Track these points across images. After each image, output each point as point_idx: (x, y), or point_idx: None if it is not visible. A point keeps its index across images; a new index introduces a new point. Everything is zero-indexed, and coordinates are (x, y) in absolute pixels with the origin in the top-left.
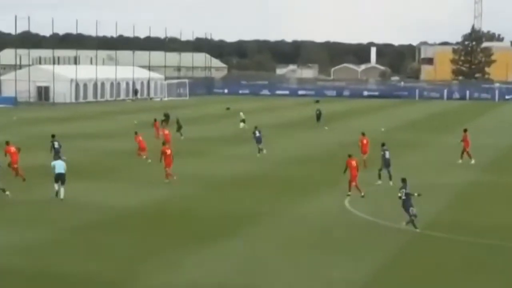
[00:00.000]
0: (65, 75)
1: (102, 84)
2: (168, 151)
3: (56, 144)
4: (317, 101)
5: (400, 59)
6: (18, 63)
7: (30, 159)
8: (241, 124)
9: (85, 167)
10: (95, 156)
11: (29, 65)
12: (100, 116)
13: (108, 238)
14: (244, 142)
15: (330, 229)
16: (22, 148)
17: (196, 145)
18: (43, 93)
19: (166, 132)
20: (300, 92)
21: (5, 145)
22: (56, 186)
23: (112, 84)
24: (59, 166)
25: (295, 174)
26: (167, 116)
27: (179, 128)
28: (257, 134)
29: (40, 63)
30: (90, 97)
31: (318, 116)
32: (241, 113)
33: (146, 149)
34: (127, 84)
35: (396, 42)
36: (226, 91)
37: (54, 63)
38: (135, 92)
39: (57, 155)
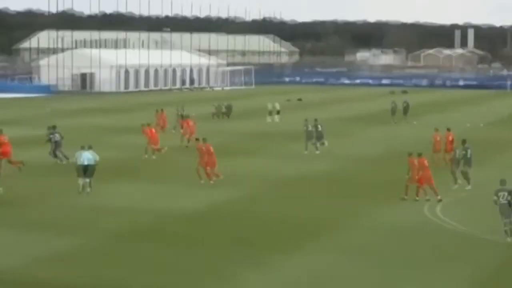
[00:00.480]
0: (111, 60)
1: (155, 71)
2: (204, 148)
3: (57, 137)
4: (404, 92)
5: (502, 43)
6: (57, 46)
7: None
8: (275, 117)
9: (131, 165)
10: (142, 153)
11: (70, 49)
12: (151, 107)
13: (156, 247)
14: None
15: (413, 240)
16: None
17: (258, 141)
18: (86, 80)
19: (191, 123)
20: (384, 81)
21: None
22: (80, 181)
23: (165, 71)
24: (85, 157)
25: (371, 175)
26: (229, 108)
27: (226, 113)
28: (319, 128)
29: (82, 46)
30: (141, 86)
31: (406, 109)
32: (277, 104)
33: (158, 142)
34: (183, 71)
35: (497, 23)
36: (297, 79)
37: (100, 47)
38: (192, 81)
39: (57, 149)
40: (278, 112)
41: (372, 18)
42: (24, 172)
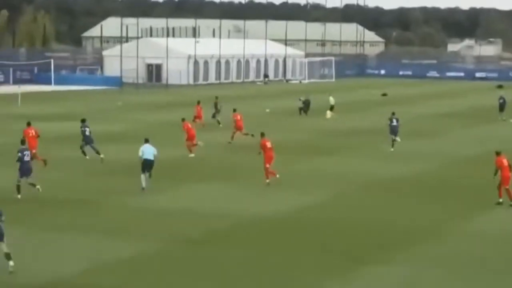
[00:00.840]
0: (181, 50)
1: (227, 62)
2: (269, 144)
3: (87, 131)
4: (500, 86)
5: None
6: (124, 35)
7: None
8: (328, 113)
9: (203, 164)
10: (216, 151)
11: (136, 38)
12: (224, 102)
13: (228, 254)
14: (406, 137)
15: None
16: (123, 140)
17: (340, 139)
18: (153, 72)
19: (239, 117)
20: (478, 75)
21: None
22: (143, 176)
23: (239, 62)
24: (148, 151)
25: (467, 177)
26: (307, 104)
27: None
28: (394, 122)
29: (150, 35)
30: (212, 78)
31: (502, 106)
32: (331, 98)
33: (195, 137)
34: (258, 62)
35: None
36: (382, 72)
37: (167, 36)
38: (266, 74)
39: (89, 144)
40: (331, 108)
41: (465, 5)
42: (86, 171)
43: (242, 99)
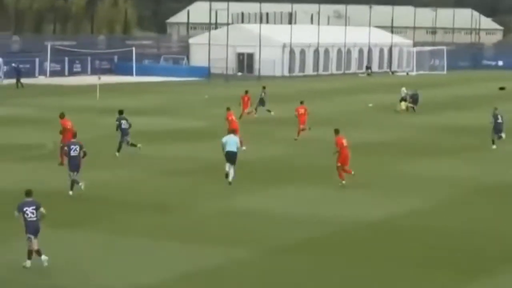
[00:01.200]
0: (276, 38)
1: (326, 51)
2: (345, 141)
3: (124, 124)
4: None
5: None
6: (212, 21)
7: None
8: (402, 104)
9: (298, 164)
10: (311, 150)
11: (225, 24)
12: (321, 95)
13: (320, 262)
14: None
15: None
16: (208, 137)
17: (449, 138)
18: (244, 62)
19: (302, 110)
20: None
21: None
22: (227, 167)
23: (339, 51)
24: (231, 142)
25: None
26: (415, 98)
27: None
28: (499, 119)
29: (242, 21)
30: (309, 70)
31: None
32: (403, 89)
33: (238, 130)
34: (360, 51)
35: None
36: (500, 63)
37: (260, 22)
38: (367, 67)
39: (124, 137)
40: (403, 99)
41: None
42: (163, 170)
43: (343, 93)
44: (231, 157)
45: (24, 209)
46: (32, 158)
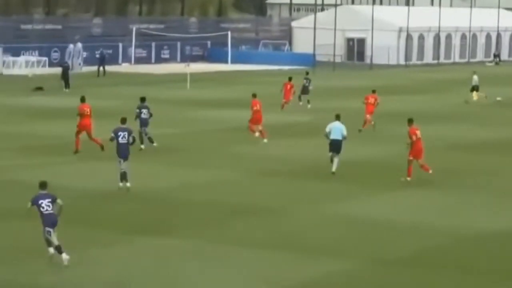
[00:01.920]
0: (391, 21)
1: (448, 36)
2: (418, 133)
3: (144, 113)
4: None
5: None
6: (318, 2)
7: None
8: (474, 95)
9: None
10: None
11: (335, 5)
12: (442, 87)
13: (439, 277)
14: None
15: None
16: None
17: None
18: (354, 48)
19: (372, 100)
20: None
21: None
22: (331, 156)
23: (463, 36)
24: (336, 130)
25: None
26: None
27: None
28: None
29: (352, 2)
30: (428, 58)
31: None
32: (475, 76)
33: (261, 121)
34: (488, 36)
35: None
36: None
37: (373, 3)
38: (495, 55)
39: (143, 128)
40: (474, 89)
41: None
42: (261, 170)
43: (466, 85)
44: (335, 146)
45: (40, 202)
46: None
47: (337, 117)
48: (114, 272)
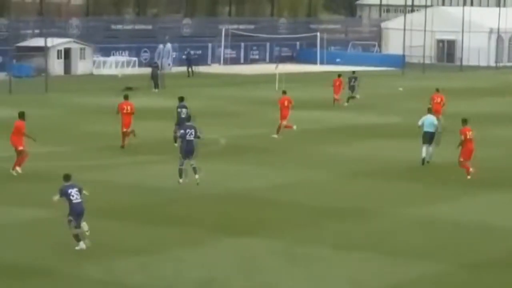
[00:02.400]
0: (482, 23)
1: None
2: (470, 134)
3: (183, 112)
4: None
5: None
6: (409, 3)
7: (413, 155)
8: None
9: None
10: (504, 151)
11: (425, 6)
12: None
13: None
14: None
15: None
16: (401, 135)
17: None
18: (445, 50)
19: (438, 99)
20: None
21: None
22: (424, 149)
23: None
24: (429, 122)
25: None
26: None
27: None
28: None
29: (443, 3)
30: None
31: None
32: None
33: (286, 118)
34: None
35: None
36: None
37: (464, 4)
38: None
39: (183, 127)
40: None
41: None
42: (353, 170)
43: None
44: (428, 138)
45: (69, 191)
46: (202, 156)
47: (429, 111)
48: (202, 271)
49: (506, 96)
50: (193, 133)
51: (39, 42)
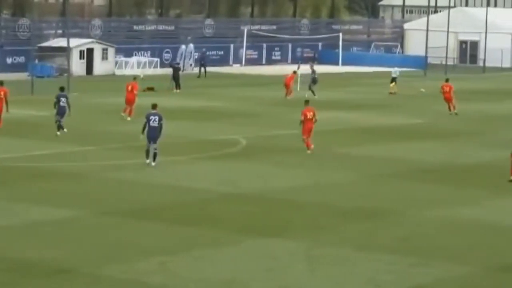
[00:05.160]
0: (505, 24)
1: None
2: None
3: (63, 101)
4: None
5: None
6: (432, 4)
7: (434, 156)
8: (392, 86)
9: None
10: None
11: (448, 7)
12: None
13: None
14: None
15: None
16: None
17: None
18: (467, 51)
19: (447, 88)
20: None
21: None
22: None
23: None
24: None
25: None
26: None
27: None
28: None
29: (466, 4)
30: None
31: None
32: (395, 69)
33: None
34: None
35: None
36: None
37: (488, 5)
38: None
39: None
40: (393, 80)
41: None
42: (374, 173)
43: None
44: None
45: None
46: (223, 157)
47: None
48: (223, 272)
49: None
50: (156, 119)
51: (61, 42)
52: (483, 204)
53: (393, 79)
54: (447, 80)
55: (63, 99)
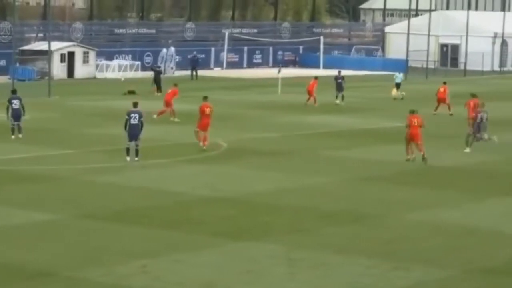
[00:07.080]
0: (486, 27)
1: None
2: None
3: (15, 103)
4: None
5: None
6: (413, 7)
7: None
8: (394, 91)
9: (504, 172)
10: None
11: (429, 10)
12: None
13: None
14: None
15: None
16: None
17: None
18: (448, 54)
19: (442, 89)
20: None
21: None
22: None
23: None
24: None
25: None
26: None
27: None
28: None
29: (447, 7)
30: None
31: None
32: (397, 73)
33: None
34: None
35: None
36: None
37: (469, 8)
38: None
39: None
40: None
41: None
42: (358, 176)
43: None
44: None
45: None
46: (204, 160)
47: None
48: (203, 275)
49: (510, 101)
50: (137, 117)
51: (42, 45)
52: (463, 207)
53: (398, 85)
54: (444, 83)
55: (15, 102)
